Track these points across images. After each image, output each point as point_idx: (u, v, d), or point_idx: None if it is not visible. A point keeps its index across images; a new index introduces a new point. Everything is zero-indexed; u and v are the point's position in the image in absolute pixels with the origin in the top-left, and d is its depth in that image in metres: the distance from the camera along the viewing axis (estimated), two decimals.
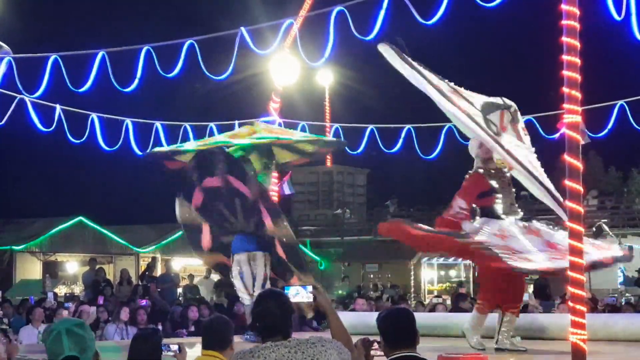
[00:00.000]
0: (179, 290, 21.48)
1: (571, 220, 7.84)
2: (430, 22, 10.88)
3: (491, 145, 10.16)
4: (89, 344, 4.02)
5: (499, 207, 10.48)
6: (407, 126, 17.06)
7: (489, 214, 10.46)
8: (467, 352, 9.98)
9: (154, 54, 12.61)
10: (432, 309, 16.13)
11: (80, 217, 28.27)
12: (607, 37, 17.31)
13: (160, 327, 13.84)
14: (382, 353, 4.82)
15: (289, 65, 14.41)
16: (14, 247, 26.64)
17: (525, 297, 16.29)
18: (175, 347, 6.06)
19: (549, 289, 17.50)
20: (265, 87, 16.34)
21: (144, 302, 16.16)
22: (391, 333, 4.79)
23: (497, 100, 10.62)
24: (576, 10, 8.04)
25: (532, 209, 28.53)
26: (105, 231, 28.69)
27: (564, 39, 7.98)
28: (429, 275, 31.04)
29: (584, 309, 7.79)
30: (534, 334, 12.24)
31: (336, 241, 34.81)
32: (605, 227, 25.67)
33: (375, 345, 4.82)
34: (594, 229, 24.77)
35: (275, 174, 14.00)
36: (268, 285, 11.67)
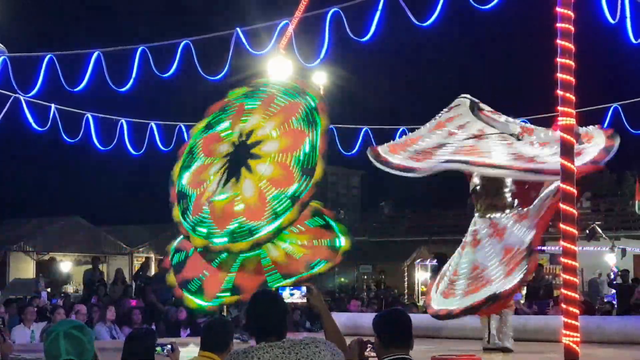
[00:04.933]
0: None
1: (565, 223, 7.86)
2: (425, 24, 10.90)
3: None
4: (87, 347, 3.99)
5: (477, 206, 10.78)
6: (402, 127, 17.07)
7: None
8: (460, 353, 10.03)
9: (149, 54, 12.61)
10: (425, 310, 16.13)
11: (74, 217, 28.24)
12: (601, 40, 17.35)
13: (154, 327, 13.86)
14: (376, 354, 4.83)
15: (284, 66, 14.42)
16: (8, 246, 26.61)
17: (515, 298, 16.36)
18: (168, 347, 6.06)
19: (542, 291, 17.56)
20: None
21: (133, 302, 16.15)
22: (386, 334, 4.79)
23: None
24: (571, 13, 8.06)
25: None
26: (99, 230, 28.68)
27: (559, 41, 8.01)
28: (423, 276, 31.07)
29: (576, 311, 7.82)
30: (527, 336, 12.28)
31: None
32: (599, 229, 25.77)
33: (369, 347, 4.83)
34: (587, 231, 24.87)
35: None
36: None
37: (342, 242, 11.36)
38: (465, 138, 10.95)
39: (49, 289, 22.23)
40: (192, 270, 11.32)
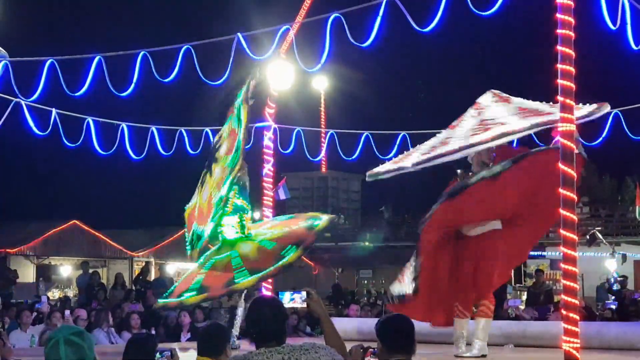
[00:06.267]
0: None
1: (565, 229, 7.87)
2: (426, 30, 10.91)
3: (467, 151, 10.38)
4: (87, 353, 4.04)
5: None
6: (402, 132, 17.09)
7: None
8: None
9: (150, 58, 12.61)
10: None
11: (75, 221, 28.24)
12: (602, 46, 17.36)
13: (153, 332, 13.84)
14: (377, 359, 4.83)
15: (285, 71, 14.42)
16: (8, 250, 26.60)
17: (514, 303, 16.37)
18: (167, 353, 6.07)
19: (542, 296, 17.56)
20: (261, 93, 16.32)
21: (136, 306, 16.14)
22: (389, 338, 4.80)
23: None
24: (571, 20, 8.08)
25: None
26: (99, 235, 28.67)
27: (559, 47, 8.03)
28: None
29: (577, 317, 7.83)
30: (527, 342, 12.28)
31: (330, 247, 34.84)
32: (599, 235, 25.76)
33: (370, 352, 4.84)
34: (587, 236, 24.87)
35: (270, 180, 14.07)
36: None
37: (321, 220, 11.50)
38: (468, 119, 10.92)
39: (49, 293, 22.22)
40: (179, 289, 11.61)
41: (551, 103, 9.95)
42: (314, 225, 11.50)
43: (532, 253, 31.57)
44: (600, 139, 15.38)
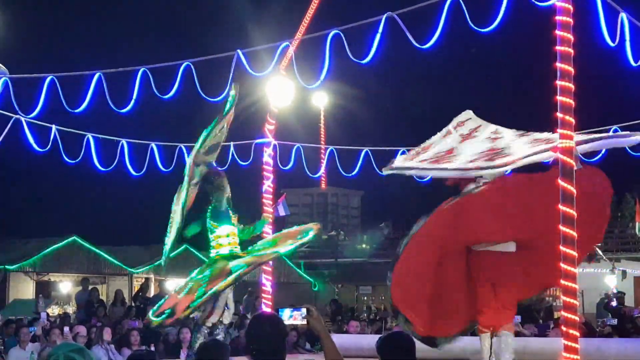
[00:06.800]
0: None
1: (565, 245, 7.87)
2: (425, 47, 10.93)
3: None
4: None
5: None
6: (402, 149, 17.10)
7: None
8: None
9: (150, 75, 12.63)
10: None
11: (74, 237, 28.19)
12: (601, 63, 17.39)
13: (153, 348, 13.82)
14: None
15: (285, 87, 14.45)
16: (7, 267, 26.54)
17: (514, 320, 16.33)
18: None
19: (543, 312, 17.52)
20: (261, 109, 16.36)
21: (135, 323, 16.10)
22: (390, 355, 4.80)
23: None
24: (570, 36, 8.10)
25: None
26: (98, 251, 28.61)
27: (558, 64, 8.05)
28: None
29: (576, 333, 7.81)
30: (528, 358, 12.24)
31: (330, 263, 34.81)
32: (599, 251, 25.73)
33: None
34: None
35: (270, 196, 14.07)
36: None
37: (286, 250, 11.55)
38: (481, 141, 10.94)
39: (48, 310, 22.16)
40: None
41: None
42: (279, 253, 11.57)
43: None
44: (600, 155, 15.39)
